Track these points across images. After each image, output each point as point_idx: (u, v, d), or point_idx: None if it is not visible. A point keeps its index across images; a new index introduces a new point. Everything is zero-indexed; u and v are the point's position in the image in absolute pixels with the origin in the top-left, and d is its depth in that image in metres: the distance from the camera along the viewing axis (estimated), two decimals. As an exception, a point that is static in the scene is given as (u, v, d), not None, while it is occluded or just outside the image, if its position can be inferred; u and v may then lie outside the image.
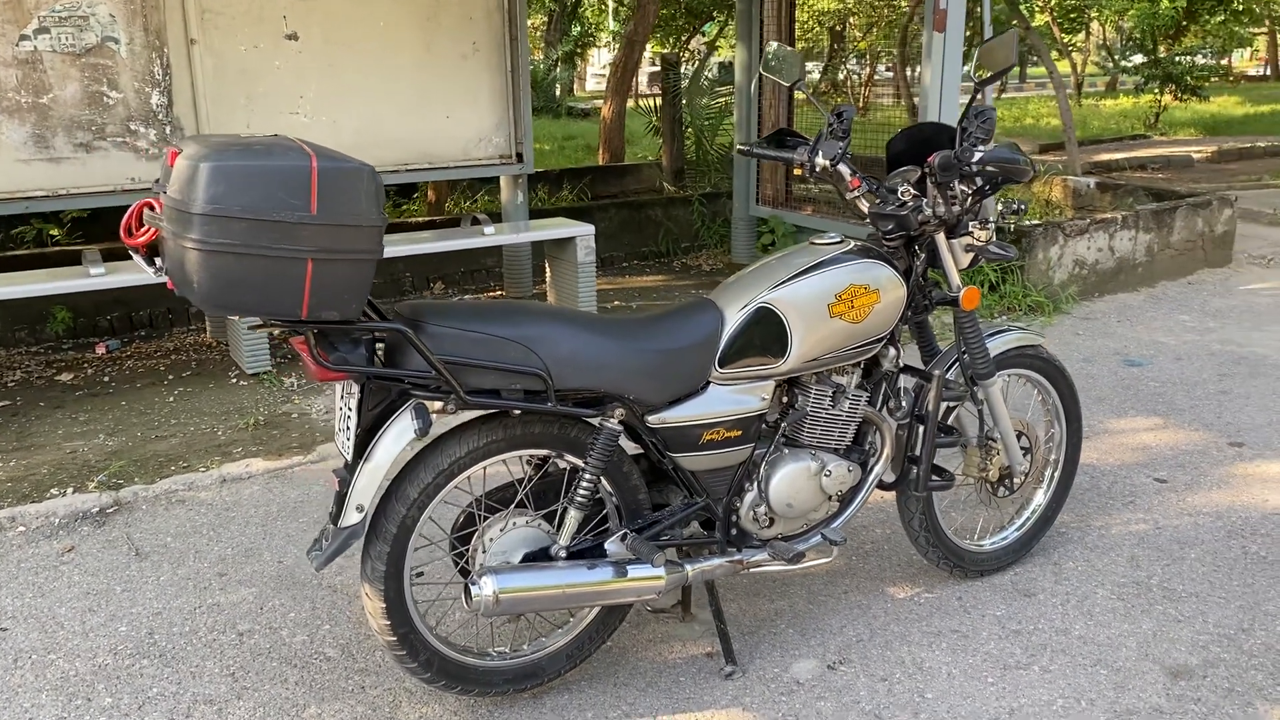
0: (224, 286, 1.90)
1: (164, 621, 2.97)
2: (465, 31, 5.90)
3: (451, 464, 2.32)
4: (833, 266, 2.59)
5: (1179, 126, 17.74)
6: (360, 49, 5.61)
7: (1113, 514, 3.53)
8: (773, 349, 2.53)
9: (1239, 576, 3.12)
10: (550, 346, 2.29)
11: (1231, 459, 3.95)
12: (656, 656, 2.78)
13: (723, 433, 2.53)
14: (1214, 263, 6.92)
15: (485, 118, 6.06)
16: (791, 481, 2.63)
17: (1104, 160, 13.15)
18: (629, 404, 2.40)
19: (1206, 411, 4.43)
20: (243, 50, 5.33)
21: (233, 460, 4.05)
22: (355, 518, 2.24)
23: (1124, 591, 3.05)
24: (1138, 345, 5.38)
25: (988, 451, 2.99)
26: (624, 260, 7.53)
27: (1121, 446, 4.08)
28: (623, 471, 2.51)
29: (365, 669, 2.73)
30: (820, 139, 2.79)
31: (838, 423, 2.71)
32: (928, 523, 2.96)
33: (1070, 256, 6.11)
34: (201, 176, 1.84)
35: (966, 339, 2.85)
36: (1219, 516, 3.49)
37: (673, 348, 2.45)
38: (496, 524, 2.44)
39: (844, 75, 17.87)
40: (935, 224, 2.69)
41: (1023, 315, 5.86)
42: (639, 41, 9.25)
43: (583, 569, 2.39)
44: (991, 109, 2.56)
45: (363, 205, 1.97)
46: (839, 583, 3.14)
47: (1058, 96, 10.12)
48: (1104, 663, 2.72)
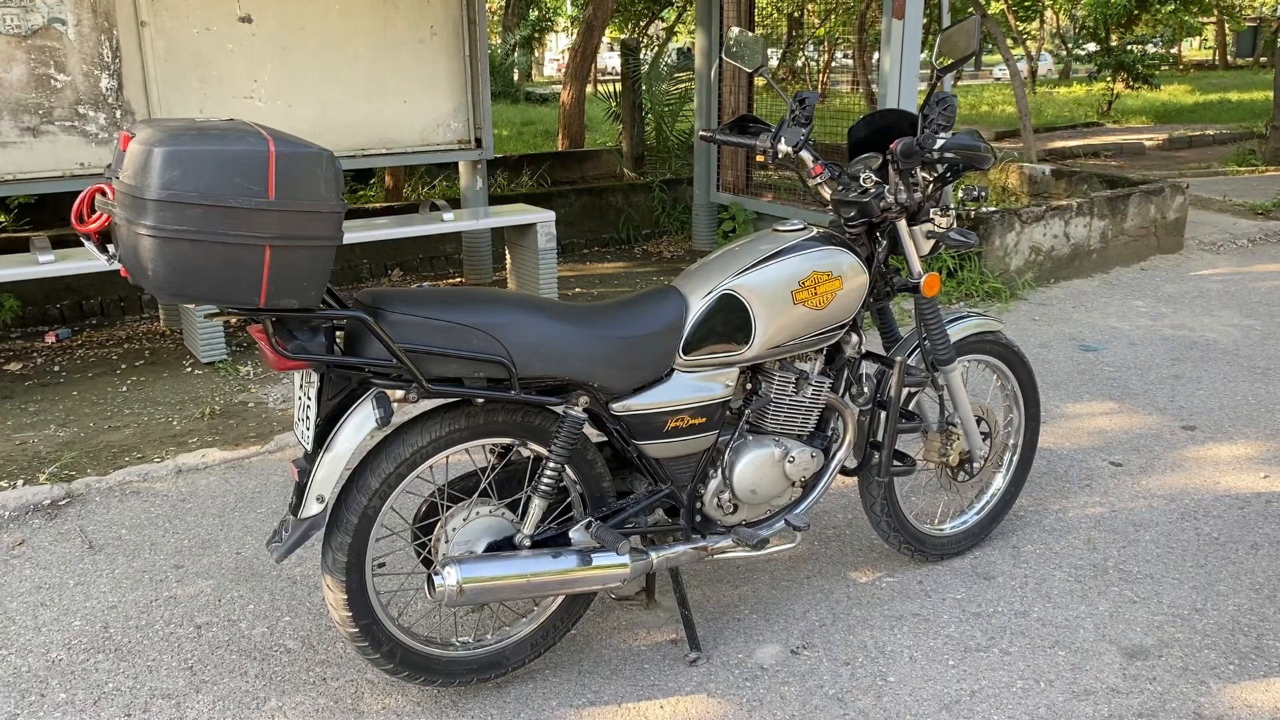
0: (179, 274, 1.86)
1: (119, 615, 2.91)
2: (422, 15, 5.83)
3: (414, 453, 2.30)
4: (796, 253, 2.59)
5: (1131, 114, 18.01)
6: (315, 32, 5.53)
7: (1070, 497, 3.58)
8: (736, 336, 2.53)
9: (1192, 557, 3.18)
10: (514, 334, 2.27)
11: (1184, 442, 4.02)
12: (621, 644, 2.78)
13: (687, 420, 2.53)
14: (1166, 249, 7.04)
15: (443, 103, 5.99)
16: (755, 468, 2.64)
17: (1058, 148, 13.31)
18: (593, 391, 2.39)
19: (1160, 396, 4.50)
20: (195, 33, 5.22)
21: (188, 450, 3.98)
22: (315, 508, 2.21)
23: (1081, 574, 3.10)
24: (1092, 331, 5.46)
25: (948, 437, 3.02)
26: (585, 247, 7.50)
27: (1078, 430, 4.14)
28: (587, 460, 2.50)
29: (327, 660, 2.71)
30: (782, 125, 2.79)
31: (801, 409, 2.71)
32: (889, 508, 2.98)
33: (1026, 243, 6.18)
34: (155, 162, 1.80)
35: (927, 325, 2.87)
36: (1172, 499, 3.55)
37: (637, 335, 2.44)
38: (459, 513, 2.42)
39: (802, 62, 17.91)
40: (897, 211, 2.70)
41: (980, 301, 5.92)
42: (598, 26, 9.20)
43: (547, 558, 2.38)
44: (953, 96, 2.57)
45: (321, 191, 1.93)
46: (802, 568, 3.16)
47: (1013, 84, 10.22)
48: (1062, 644, 2.75)
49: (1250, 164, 10.87)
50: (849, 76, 16.66)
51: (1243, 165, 10.86)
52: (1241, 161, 10.98)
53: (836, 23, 18.61)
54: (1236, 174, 10.50)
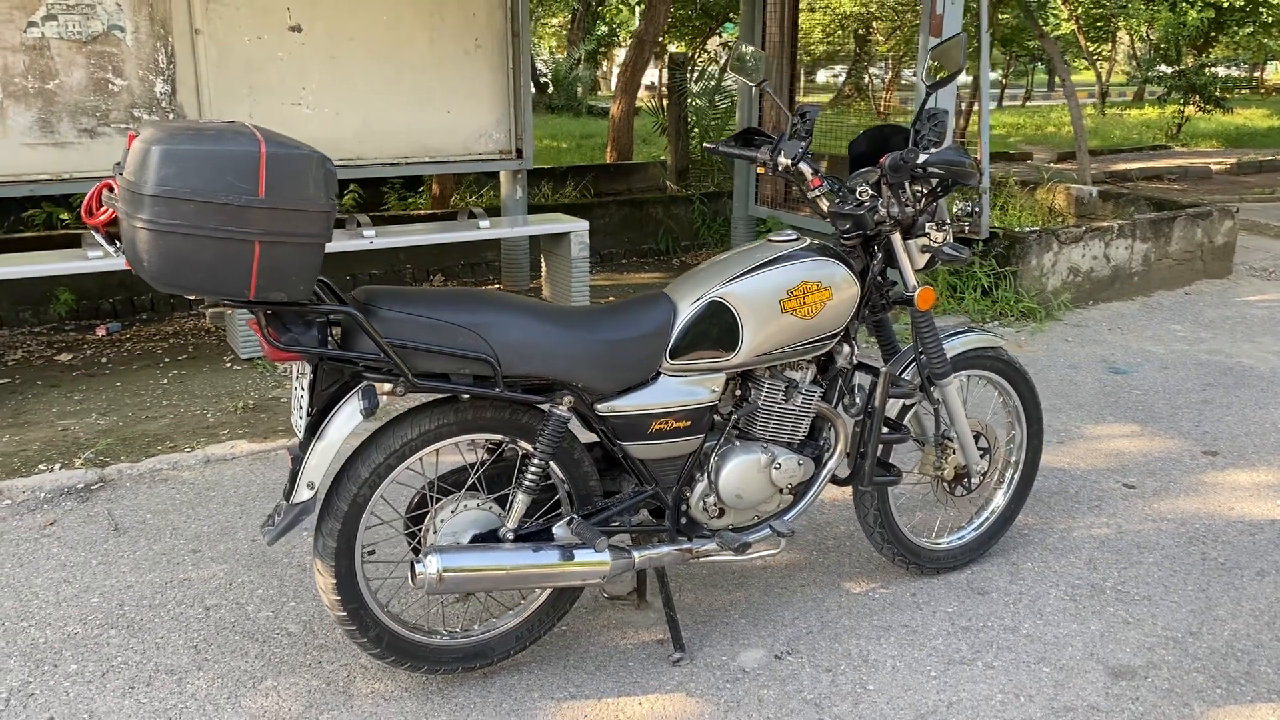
0: (173, 266, 1.97)
1: (135, 594, 3.05)
2: (468, 28, 5.98)
3: (403, 445, 2.39)
4: (786, 263, 2.64)
5: (1201, 138, 17.62)
6: (363, 42, 5.70)
7: (1076, 517, 3.56)
8: (724, 342, 2.59)
9: (1194, 581, 3.15)
10: (499, 333, 2.35)
11: (1203, 467, 3.96)
12: (608, 641, 2.84)
13: (671, 423, 2.58)
14: (1213, 274, 6.91)
15: (486, 113, 6.13)
16: (741, 473, 2.68)
17: (1120, 170, 13.09)
18: (577, 392, 2.46)
19: (1185, 420, 4.44)
20: (246, 41, 5.42)
21: (218, 441, 4.14)
22: (306, 494, 2.31)
23: (1077, 593, 3.08)
24: (1125, 353, 5.39)
25: (943, 450, 3.03)
26: (623, 257, 7.59)
27: (1095, 452, 4.11)
28: (574, 458, 2.57)
29: (324, 645, 2.81)
30: (782, 138, 2.85)
31: (790, 417, 2.75)
32: (882, 519, 3.01)
33: (1065, 263, 6.12)
34: (152, 159, 1.91)
35: (922, 338, 2.89)
36: (1182, 523, 3.52)
37: (622, 338, 2.51)
38: (448, 506, 2.50)
39: (867, 80, 17.86)
40: (891, 224, 2.74)
41: (1014, 321, 5.88)
42: (649, 41, 9.31)
43: (528, 551, 2.45)
44: (944, 112, 2.60)
45: (311, 190, 2.04)
46: (796, 576, 3.19)
47: (1069, 105, 10.09)
48: (1047, 660, 2.75)
49: (1316, 190, 10.59)
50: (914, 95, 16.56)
51: (1309, 191, 10.58)
52: (1307, 187, 10.70)
53: (899, 41, 18.55)
54: (1300, 200, 10.25)
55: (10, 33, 4.84)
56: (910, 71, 19.76)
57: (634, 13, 23.90)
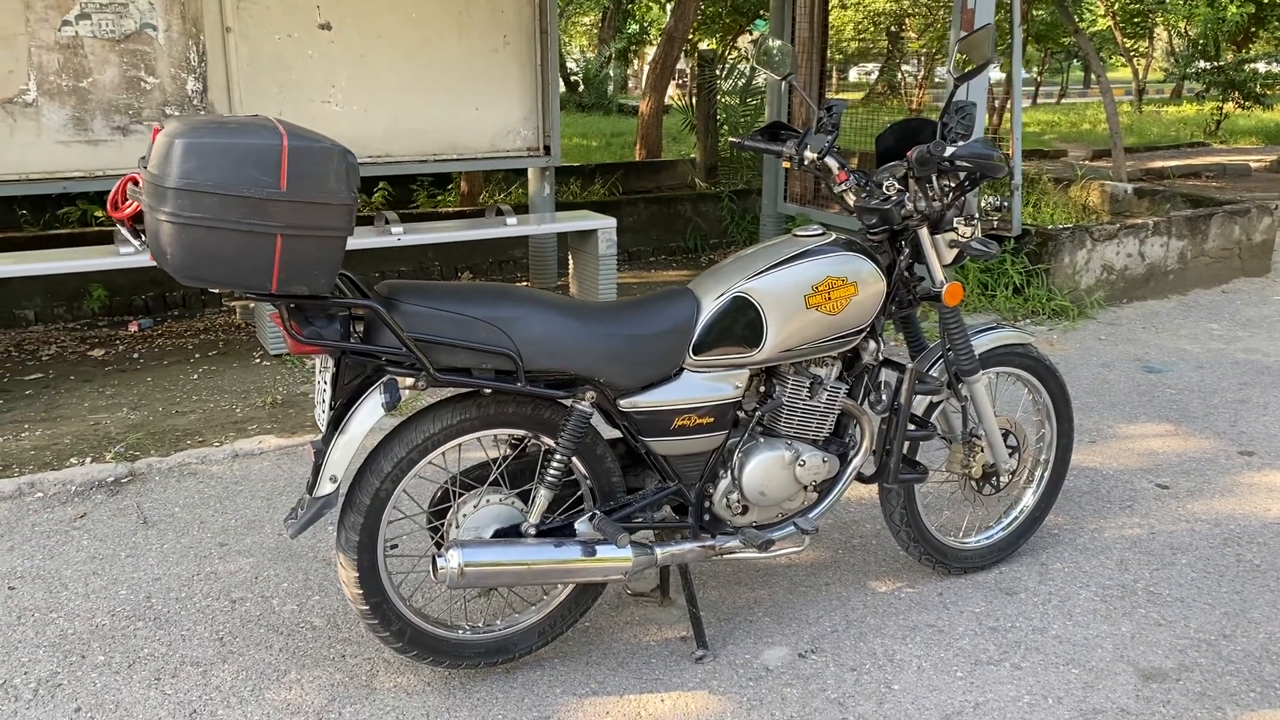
0: (196, 258, 1.98)
1: (162, 587, 3.07)
2: (496, 25, 5.99)
3: (425, 439, 2.39)
4: (811, 258, 2.62)
5: (1240, 135, 17.35)
6: (392, 40, 5.72)
7: (1108, 517, 3.50)
8: (748, 338, 2.57)
9: (1228, 583, 3.09)
10: (522, 328, 2.34)
11: (1239, 467, 3.89)
12: (631, 638, 2.82)
13: (695, 419, 2.57)
14: (1251, 271, 6.79)
15: (514, 110, 6.14)
16: (765, 470, 2.66)
17: (1157, 167, 12.89)
18: (600, 387, 2.45)
19: (1220, 420, 4.37)
20: (276, 39, 5.46)
21: (247, 436, 4.16)
22: (329, 488, 2.31)
23: (1108, 594, 3.03)
24: (1160, 352, 5.31)
25: (971, 448, 2.99)
26: (651, 254, 7.58)
27: (1127, 451, 4.04)
28: (596, 454, 2.56)
29: (348, 639, 2.81)
30: (808, 133, 2.82)
31: (815, 414, 2.73)
32: (909, 517, 2.97)
33: (1098, 261, 6.04)
34: (176, 152, 1.92)
35: (950, 335, 2.86)
36: (1217, 524, 3.45)
37: (645, 333, 2.49)
38: (470, 500, 2.50)
39: (900, 76, 17.73)
40: (918, 219, 2.70)
41: (1046, 319, 5.81)
42: (678, 38, 9.28)
43: (549, 547, 2.44)
44: (971, 104, 2.56)
45: (333, 184, 2.04)
46: (822, 574, 3.16)
47: (1104, 102, 9.96)
48: (1077, 662, 2.71)
49: (1358, 187, 10.39)
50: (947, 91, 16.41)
51: (1350, 188, 10.38)
52: (1349, 185, 10.50)
53: (933, 38, 18.41)
54: (1342, 197, 10.05)
55: (45, 31, 4.90)
56: (944, 68, 19.64)
57: (665, 10, 23.88)
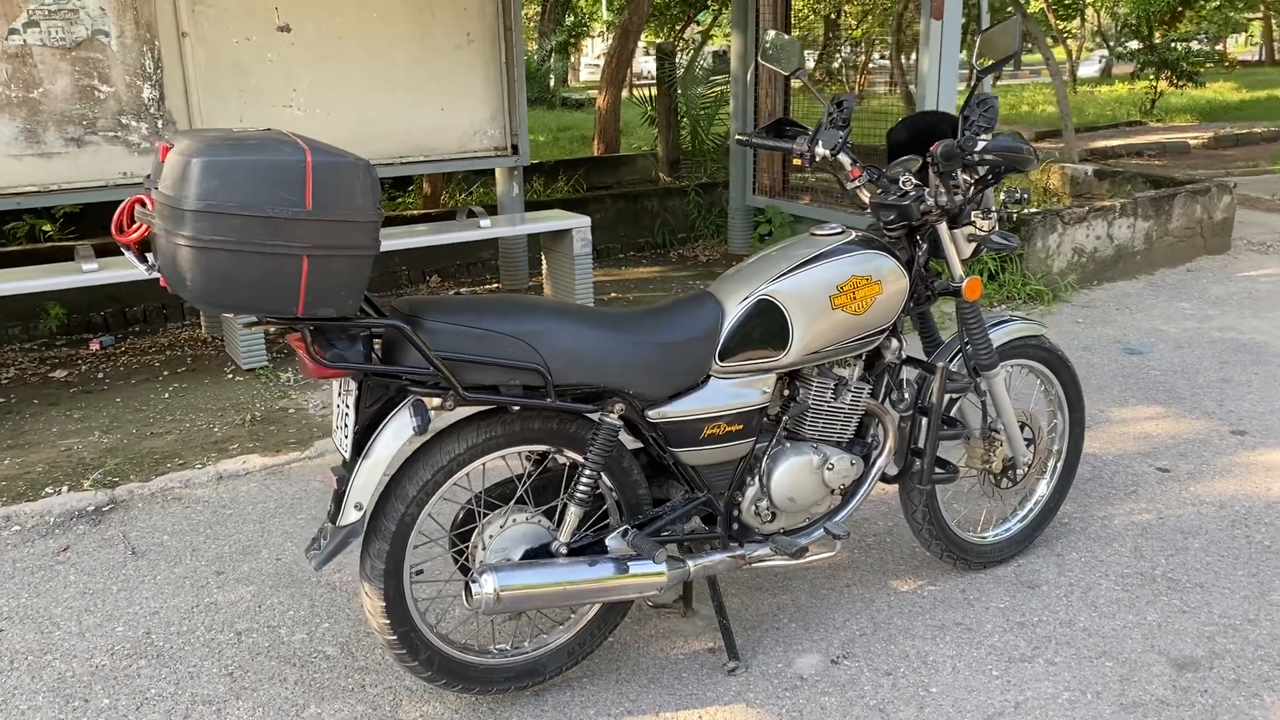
0: (218, 284, 1.87)
1: (161, 621, 2.94)
2: (459, 23, 5.86)
3: (451, 460, 2.30)
4: (834, 258, 2.56)
5: (1175, 113, 17.71)
6: (353, 41, 5.57)
7: (1115, 504, 3.51)
8: (774, 342, 2.51)
9: (1244, 566, 3.10)
10: (549, 342, 2.26)
11: (1234, 447, 3.93)
12: (659, 652, 2.76)
13: (724, 427, 2.50)
14: (1213, 249, 6.90)
15: (480, 109, 6.01)
16: (794, 475, 2.61)
17: (1100, 147, 13.11)
18: (629, 399, 2.38)
19: (1208, 400, 4.41)
20: (234, 43, 5.28)
21: (229, 457, 4.02)
22: (354, 516, 2.21)
23: (1128, 582, 3.03)
24: (1138, 333, 5.36)
25: (991, 443, 2.97)
26: (620, 252, 7.50)
27: (1123, 435, 4.06)
28: (623, 467, 2.48)
29: (365, 667, 2.71)
30: (820, 128, 2.76)
31: (840, 415, 2.68)
32: (931, 515, 2.94)
33: (1069, 245, 6.08)
34: (194, 172, 1.81)
35: (969, 330, 2.82)
36: (1222, 505, 3.47)
37: (672, 341, 2.42)
38: (496, 521, 2.41)
39: (839, 64, 17.80)
40: (937, 214, 2.66)
41: (1022, 304, 5.84)
42: (633, 31, 9.20)
43: (584, 566, 2.37)
44: (993, 97, 2.52)
45: (359, 200, 1.94)
46: (841, 576, 3.12)
47: (1054, 84, 10.09)
48: (1109, 654, 2.70)
49: (1300, 162, 10.65)
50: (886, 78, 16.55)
51: (1292, 164, 10.63)
52: (1291, 160, 10.75)
53: (873, 24, 18.52)
54: (1285, 172, 10.29)
55: (-9, 40, 4.68)
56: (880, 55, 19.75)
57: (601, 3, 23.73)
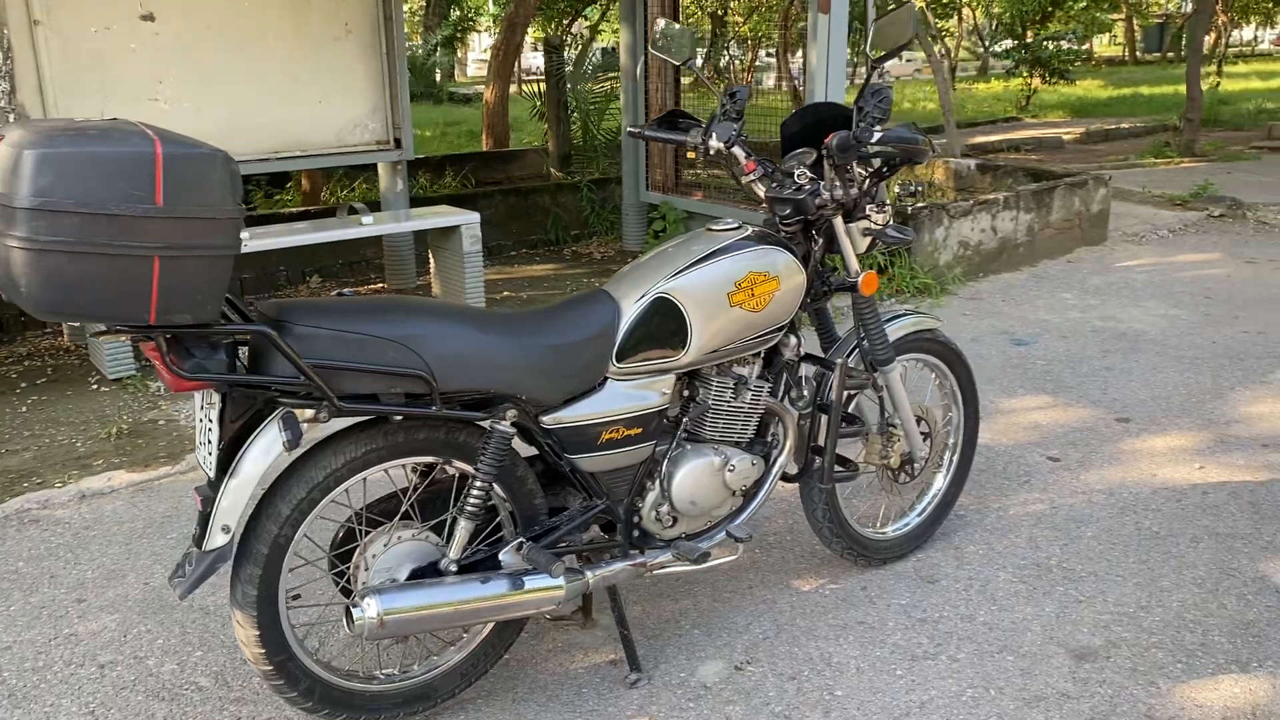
0: (58, 290, 1.68)
1: (14, 657, 2.70)
2: (337, 13, 5.62)
3: (327, 476, 2.14)
4: (731, 254, 2.49)
5: (1048, 109, 18.32)
6: (223, 31, 5.28)
7: (1009, 495, 3.53)
8: (672, 341, 2.42)
9: (1134, 553, 3.14)
10: (433, 346, 2.12)
11: (1119, 435, 4.01)
12: (558, 667, 2.64)
13: (622, 431, 2.40)
14: (1091, 241, 7.10)
15: (360, 102, 5.78)
16: (695, 478, 2.52)
17: (980, 143, 13.46)
18: (521, 404, 2.25)
19: (1093, 388, 4.50)
20: (93, 32, 4.95)
21: (93, 474, 3.75)
22: (221, 539, 2.04)
23: (1025, 574, 3.04)
24: (1023, 324, 5.46)
25: (889, 438, 2.94)
26: (512, 249, 7.33)
27: (1014, 426, 4.11)
28: (516, 476, 2.36)
29: (242, 698, 2.53)
30: (714, 121, 2.69)
31: (740, 415, 2.61)
32: (831, 513, 2.89)
33: (955, 238, 6.17)
34: (26, 166, 1.62)
35: (866, 325, 2.78)
36: (1111, 493, 3.53)
37: (567, 343, 2.31)
38: (379, 539, 2.26)
39: (726, 61, 17.88)
40: (833, 208, 2.61)
41: (911, 297, 5.89)
42: (520, 24, 9.04)
43: (475, 584, 2.24)
44: (888, 88, 2.48)
45: (215, 195, 1.77)
46: (744, 578, 3.05)
47: (935, 80, 10.29)
48: (1010, 648, 2.69)
49: (1166, 156, 11.09)
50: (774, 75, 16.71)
51: (1159, 157, 11.07)
52: (1158, 154, 11.19)
53: (760, 20, 18.67)
54: (1154, 166, 10.70)
55: None
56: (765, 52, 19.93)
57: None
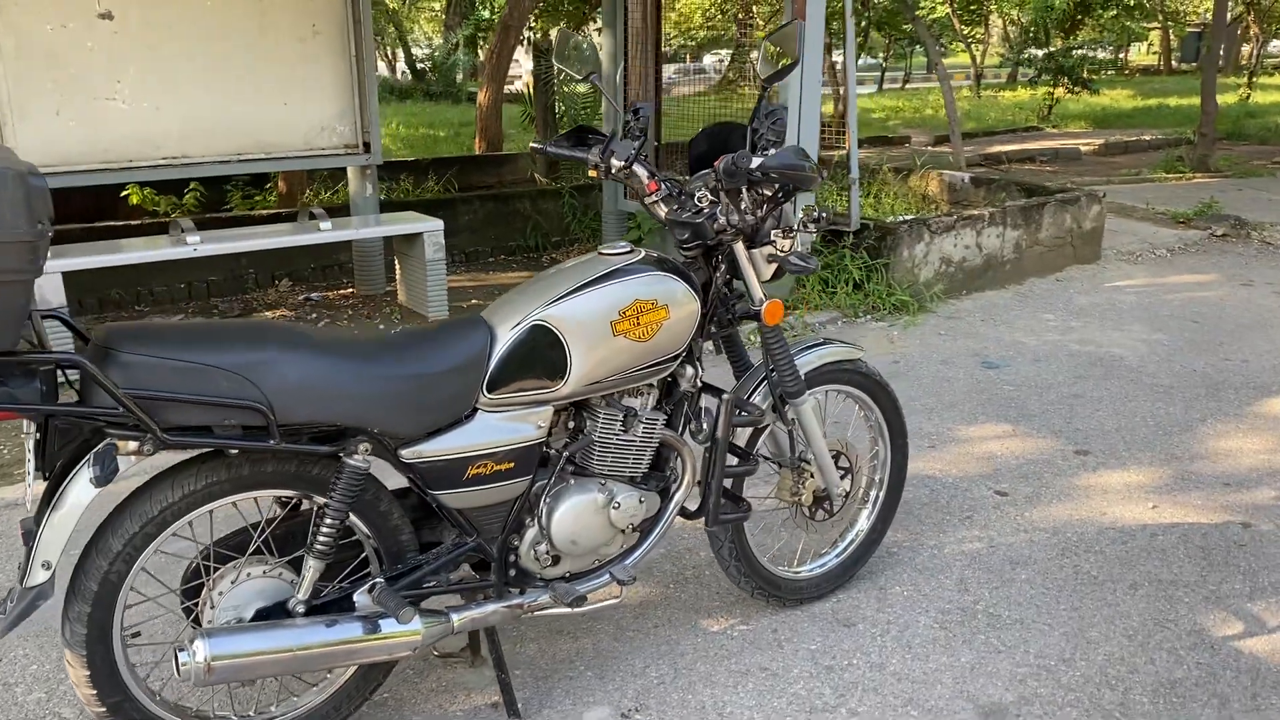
0: None
1: (-121, 680, 2.61)
2: (304, 12, 5.53)
3: (163, 510, 2.03)
4: (617, 279, 2.35)
5: (1071, 119, 18.02)
6: (184, 30, 5.20)
7: (947, 531, 3.37)
8: (549, 371, 2.28)
9: (1067, 599, 2.98)
10: (273, 375, 2.00)
11: (1075, 468, 3.83)
12: (436, 709, 2.51)
13: (492, 466, 2.27)
14: (1083, 259, 6.90)
15: (328, 105, 5.69)
16: (576, 515, 2.39)
17: (995, 152, 13.22)
18: (375, 438, 2.13)
19: (1056, 417, 4.32)
20: (49, 29, 4.89)
21: None
22: (42, 576, 1.93)
23: (948, 619, 2.88)
24: (999, 346, 5.28)
25: (800, 474, 2.79)
26: (490, 255, 7.22)
27: (967, 456, 3.94)
28: (379, 511, 2.24)
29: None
30: (614, 138, 2.56)
31: (630, 449, 2.47)
32: (738, 551, 2.75)
33: (937, 254, 5.99)
34: None
35: (773, 356, 2.64)
36: (1055, 532, 3.36)
37: (428, 372, 2.18)
38: (228, 575, 2.15)
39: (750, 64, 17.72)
40: (732, 233, 2.47)
41: (887, 314, 5.73)
42: (514, 27, 8.92)
43: (320, 627, 2.11)
44: (782, 108, 2.34)
45: (7, 215, 1.66)
46: (650, 614, 2.92)
47: (942, 89, 10.08)
48: (915, 702, 2.53)
49: (1178, 171, 10.82)
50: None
51: (1171, 172, 10.80)
52: (1170, 168, 10.93)
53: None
54: (1164, 181, 10.45)
55: None
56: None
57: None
